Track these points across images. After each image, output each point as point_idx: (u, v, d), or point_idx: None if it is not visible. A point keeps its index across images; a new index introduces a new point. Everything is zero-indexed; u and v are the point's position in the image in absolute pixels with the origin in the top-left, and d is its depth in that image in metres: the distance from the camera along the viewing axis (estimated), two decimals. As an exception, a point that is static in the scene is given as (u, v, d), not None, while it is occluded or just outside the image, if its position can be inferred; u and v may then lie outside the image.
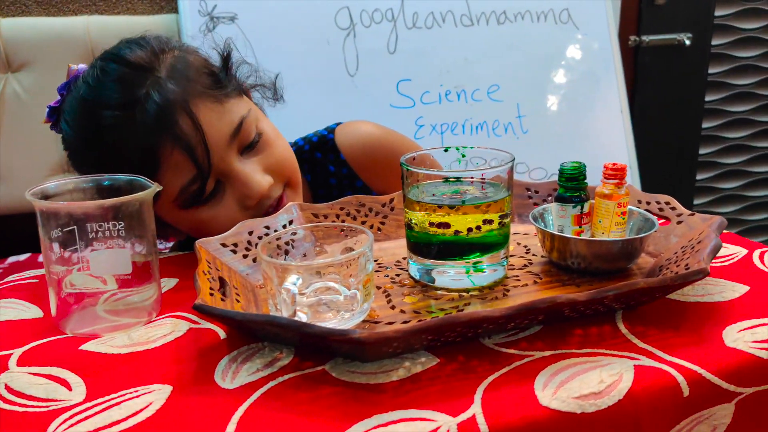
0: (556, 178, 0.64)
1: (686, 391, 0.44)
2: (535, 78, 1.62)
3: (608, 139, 1.69)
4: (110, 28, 1.44)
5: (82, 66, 0.73)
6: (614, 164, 0.61)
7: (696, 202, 2.17)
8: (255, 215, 0.70)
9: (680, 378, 0.44)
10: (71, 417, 0.41)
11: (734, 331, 0.49)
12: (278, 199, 0.74)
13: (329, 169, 0.89)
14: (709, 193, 2.17)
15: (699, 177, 2.15)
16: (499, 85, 1.59)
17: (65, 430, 0.40)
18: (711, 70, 2.02)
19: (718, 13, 1.96)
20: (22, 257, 1.43)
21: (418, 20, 1.54)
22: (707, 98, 2.05)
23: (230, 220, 0.68)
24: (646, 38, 1.92)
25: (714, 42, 1.99)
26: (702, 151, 2.12)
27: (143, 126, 0.64)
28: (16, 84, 1.40)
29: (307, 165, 0.90)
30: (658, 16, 1.92)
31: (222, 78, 0.72)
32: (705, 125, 2.08)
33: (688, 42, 1.94)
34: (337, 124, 0.92)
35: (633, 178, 1.69)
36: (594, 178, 0.63)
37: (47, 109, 0.74)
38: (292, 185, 0.77)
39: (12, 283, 0.64)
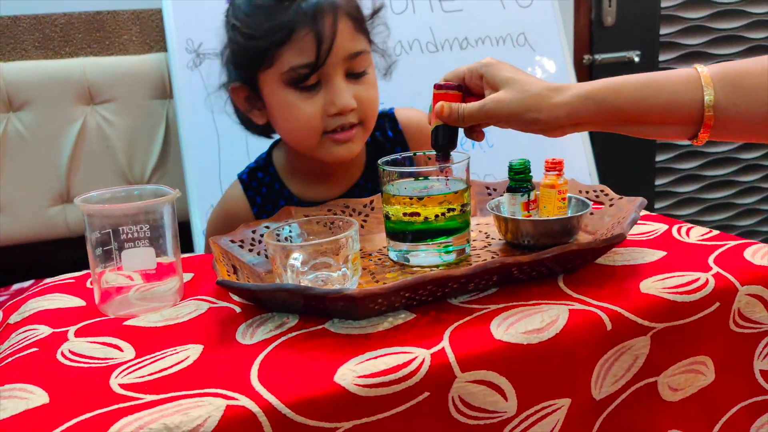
0: None
1: (609, 326, 0.57)
2: (498, 97, 1.77)
3: (568, 150, 1.83)
4: (105, 68, 1.56)
5: None
6: (554, 159, 0.74)
7: (657, 206, 2.32)
8: (328, 128, 0.85)
9: (604, 316, 0.57)
10: (127, 368, 0.52)
11: (649, 282, 0.62)
12: (350, 128, 0.86)
13: (388, 134, 1.01)
14: (668, 197, 2.33)
15: (658, 182, 2.30)
16: (466, 104, 1.73)
17: (124, 377, 0.51)
18: (661, 84, 2.18)
19: (663, 31, 2.13)
20: (26, 284, 1.52)
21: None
22: (659, 109, 2.21)
23: (308, 118, 0.84)
24: (598, 57, 2.08)
25: (661, 58, 2.16)
26: (658, 158, 2.27)
27: (299, 7, 0.81)
28: (17, 122, 1.51)
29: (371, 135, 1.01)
30: (608, 36, 2.09)
31: (365, 19, 0.88)
32: (659, 134, 2.24)
33: (637, 59, 2.10)
34: None
35: (592, 183, 1.83)
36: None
37: None
38: (365, 126, 0.89)
39: (52, 284, 0.75)
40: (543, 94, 0.65)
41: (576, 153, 1.83)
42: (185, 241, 1.47)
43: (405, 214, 0.70)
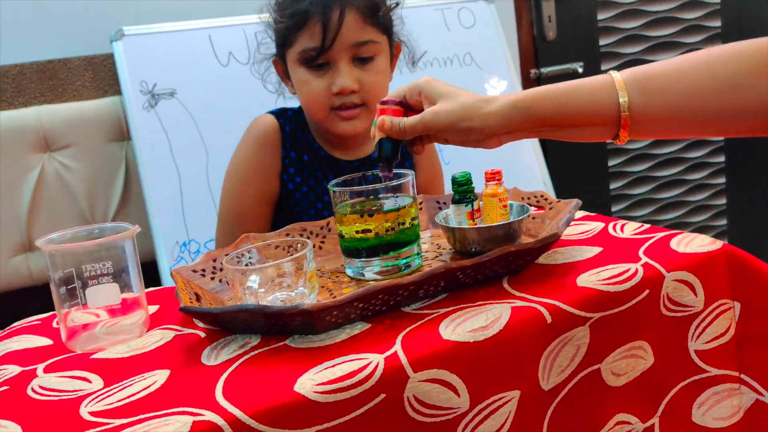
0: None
1: (549, 319, 0.61)
2: (450, 115, 1.83)
3: (522, 162, 1.90)
4: (60, 115, 1.57)
5: None
6: (492, 170, 0.79)
7: (613, 209, 2.40)
8: (331, 106, 0.99)
9: (544, 310, 0.61)
10: (96, 398, 0.55)
11: (585, 276, 0.67)
12: (353, 107, 1.00)
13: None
14: (624, 200, 2.41)
15: (612, 186, 2.38)
16: (419, 125, 1.79)
17: (93, 405, 0.54)
18: (605, 92, 2.28)
19: (602, 42, 2.24)
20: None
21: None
22: (606, 116, 2.30)
23: (316, 93, 0.99)
24: (544, 70, 2.17)
25: (603, 67, 2.26)
26: (611, 163, 2.36)
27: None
28: (-26, 174, 1.51)
29: None
30: (551, 50, 2.18)
31: (379, 13, 0.99)
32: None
33: (581, 69, 2.19)
34: None
35: (546, 191, 1.90)
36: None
37: None
38: (370, 108, 1.01)
39: (18, 327, 0.77)
40: (476, 105, 0.72)
41: (531, 165, 1.89)
42: (153, 280, 1.49)
43: (357, 232, 0.74)
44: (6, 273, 1.54)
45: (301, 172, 1.06)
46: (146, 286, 0.74)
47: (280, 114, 1.10)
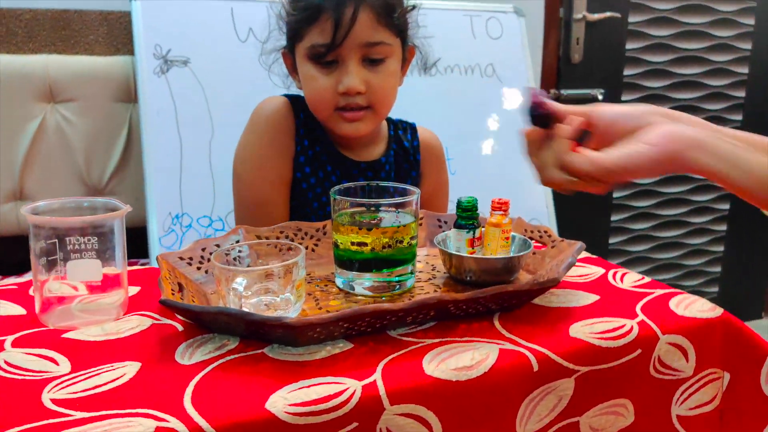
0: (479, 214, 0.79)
1: (536, 367, 0.59)
2: (462, 125, 1.81)
3: (528, 181, 1.87)
4: (68, 67, 1.54)
5: None
6: (500, 199, 0.77)
7: (611, 240, 2.38)
8: (336, 105, 0.95)
9: (532, 357, 0.59)
10: (61, 383, 0.53)
11: (578, 326, 0.65)
12: (358, 109, 0.96)
13: (408, 137, 1.12)
14: (622, 233, 2.40)
15: (613, 218, 2.37)
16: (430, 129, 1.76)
17: (57, 391, 0.51)
18: (620, 123, 2.26)
19: (626, 72, 2.21)
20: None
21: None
22: (618, 147, 2.28)
23: (324, 90, 0.95)
24: (564, 92, 2.14)
25: (624, 98, 2.23)
26: (615, 195, 2.34)
27: None
28: (-26, 115, 1.48)
29: (393, 130, 1.11)
30: (574, 73, 2.16)
31: (393, 14, 0.95)
32: (616, 171, 2.30)
33: (601, 97, 2.17)
34: None
35: (550, 219, 1.88)
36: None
37: None
38: (376, 111, 0.98)
39: (-6, 289, 0.75)
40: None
41: (535, 185, 1.87)
42: (142, 248, 1.47)
43: (353, 243, 0.72)
44: (-7, 219, 1.52)
45: (311, 163, 1.03)
46: (132, 254, 0.71)
47: (295, 99, 1.05)
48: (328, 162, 1.04)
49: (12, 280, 0.77)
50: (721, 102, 2.35)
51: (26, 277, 1.46)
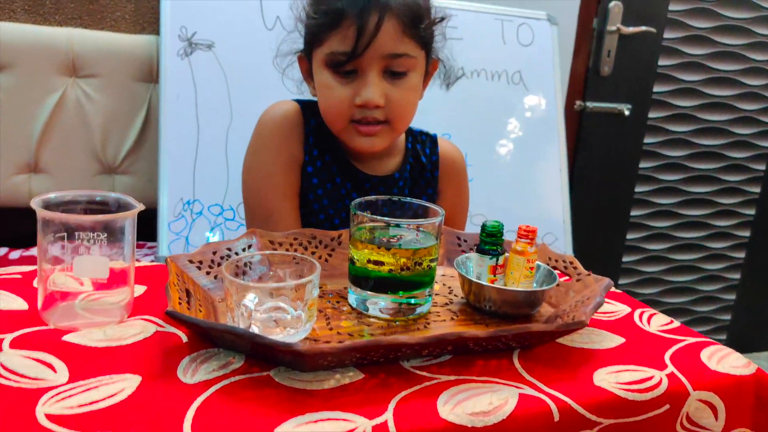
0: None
1: (556, 417, 0.56)
2: (484, 131, 1.77)
3: (546, 192, 1.84)
4: (92, 42, 1.51)
5: None
6: (527, 226, 0.73)
7: (624, 259, 2.34)
8: (352, 117, 0.90)
9: (553, 406, 0.56)
10: (57, 394, 0.50)
11: (603, 373, 0.61)
12: (375, 123, 0.90)
13: (426, 152, 1.05)
14: (637, 252, 2.35)
15: (629, 237, 2.32)
16: (451, 134, 1.72)
17: (52, 405, 0.49)
18: (646, 140, 2.21)
19: (656, 89, 2.16)
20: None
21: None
22: (641, 165, 2.23)
23: (340, 101, 0.89)
24: (590, 104, 2.09)
25: (651, 115, 2.18)
26: (633, 213, 2.29)
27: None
28: (-5, 83, 1.46)
29: (411, 142, 1.05)
30: (602, 86, 2.11)
31: (420, 25, 0.88)
32: (637, 189, 2.26)
33: (627, 112, 2.12)
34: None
35: (565, 232, 1.84)
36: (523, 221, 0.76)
37: None
38: (393, 127, 0.92)
39: (-4, 278, 0.72)
40: None
41: (553, 197, 1.83)
42: (150, 230, 1.44)
43: (369, 261, 0.68)
44: (6, 189, 1.50)
45: (318, 174, 0.98)
46: (140, 236, 0.67)
47: (306, 104, 1.00)
48: (338, 173, 0.98)
49: (19, 260, 0.75)
50: (752, 127, 2.29)
51: (32, 257, 1.44)
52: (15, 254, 1.45)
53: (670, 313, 2.44)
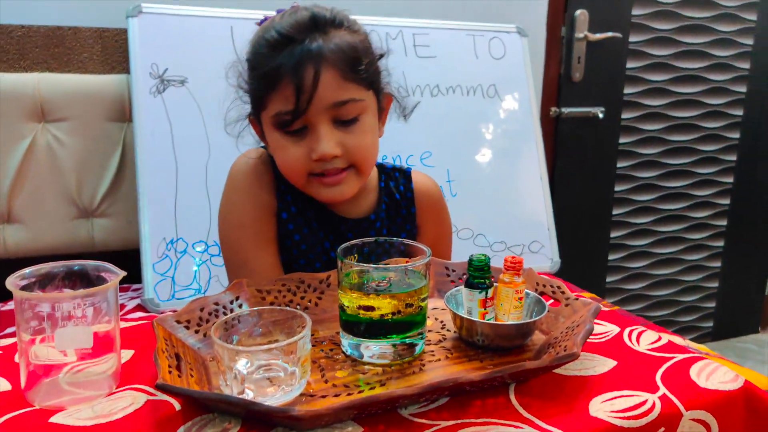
0: (481, 237, 0.76)
1: (557, 456, 0.56)
2: (464, 146, 1.77)
3: (529, 201, 1.85)
4: (60, 85, 1.49)
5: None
6: (513, 257, 0.73)
7: (610, 257, 2.36)
8: (313, 171, 0.88)
9: (553, 444, 0.56)
10: (49, 483, 0.49)
11: (598, 402, 0.62)
12: (339, 172, 0.88)
13: (400, 188, 1.02)
14: (621, 249, 2.37)
15: (612, 235, 2.34)
16: (431, 151, 1.73)
17: (45, 495, 0.48)
18: (621, 140, 2.23)
19: (626, 91, 2.18)
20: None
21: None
22: (618, 165, 2.26)
23: (295, 159, 0.87)
24: (565, 110, 2.11)
25: (624, 116, 2.21)
26: (615, 212, 2.32)
27: (285, 57, 0.83)
28: (-38, 135, 1.43)
29: (384, 181, 1.02)
30: (575, 91, 2.13)
31: (359, 67, 0.86)
32: (617, 189, 2.28)
33: (601, 115, 2.14)
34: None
35: (551, 238, 1.85)
36: (511, 237, 0.75)
37: (263, 17, 0.95)
38: (359, 171, 0.91)
39: (-22, 353, 0.70)
40: None
41: (536, 205, 1.84)
42: (135, 273, 1.42)
43: (360, 307, 0.68)
44: (-20, 241, 1.47)
45: (294, 220, 0.95)
46: (125, 279, 0.66)
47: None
48: (314, 218, 0.96)
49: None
50: (720, 120, 2.33)
51: (10, 311, 1.41)
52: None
53: (658, 305, 2.47)
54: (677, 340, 0.82)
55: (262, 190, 0.95)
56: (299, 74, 0.82)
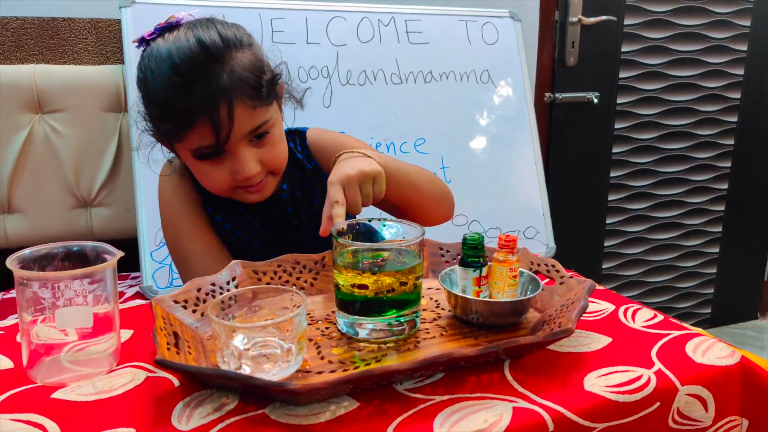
0: (476, 224, 0.77)
1: (551, 427, 0.57)
2: (458, 132, 1.78)
3: (524, 187, 1.86)
4: (56, 77, 1.49)
5: (181, 16, 0.89)
6: (507, 236, 0.74)
7: (606, 244, 2.37)
8: (239, 187, 0.90)
9: (547, 417, 0.57)
10: (51, 457, 0.50)
11: (593, 377, 0.62)
12: (260, 182, 0.90)
13: (297, 157, 1.02)
14: (617, 236, 2.38)
15: (608, 221, 2.35)
16: (425, 138, 1.73)
17: (47, 468, 0.48)
18: (616, 126, 2.24)
19: (621, 75, 2.18)
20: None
21: (351, 77, 1.67)
22: (614, 150, 2.26)
23: (221, 181, 0.89)
24: (559, 95, 2.12)
25: (619, 101, 2.21)
26: (610, 198, 2.32)
27: (194, 98, 0.81)
28: (-42, 127, 1.43)
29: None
30: (569, 76, 2.13)
31: (264, 90, 0.87)
32: (612, 174, 2.29)
33: (596, 100, 2.14)
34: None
35: (546, 224, 1.86)
36: (506, 223, 0.76)
37: (140, 37, 0.90)
38: (276, 174, 0.93)
39: (-21, 336, 0.71)
40: None
41: (531, 191, 1.84)
42: (133, 260, 1.43)
43: (354, 285, 0.69)
44: (-21, 232, 1.47)
45: (221, 210, 0.99)
46: (124, 267, 0.67)
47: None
48: (238, 203, 0.98)
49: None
50: (717, 104, 2.33)
51: (12, 299, 1.42)
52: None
53: (655, 291, 2.48)
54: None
55: (185, 186, 0.99)
56: (214, 114, 0.82)
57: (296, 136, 1.06)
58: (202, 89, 0.81)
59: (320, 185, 1.03)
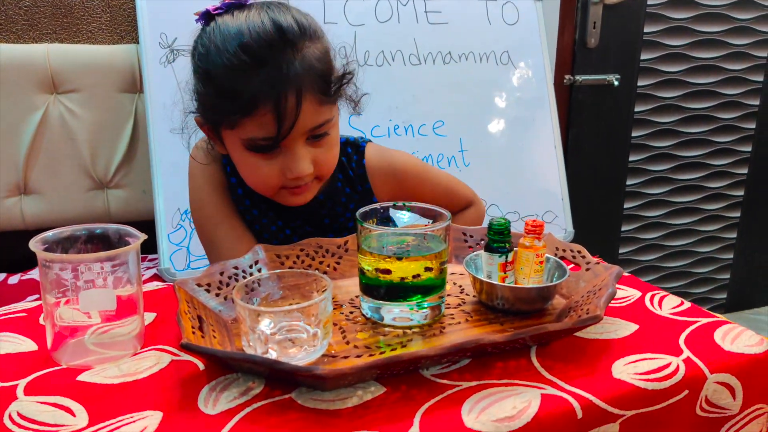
0: (494, 208, 0.75)
1: (579, 414, 0.56)
2: (477, 114, 1.76)
3: (543, 170, 1.83)
4: (70, 56, 1.49)
5: None
6: (534, 221, 0.73)
7: (623, 228, 2.35)
8: (285, 186, 0.85)
9: (575, 404, 0.56)
10: (79, 440, 0.50)
11: (621, 365, 0.61)
12: (306, 184, 0.87)
13: (352, 165, 0.99)
14: (634, 221, 2.36)
15: (626, 206, 2.32)
16: (444, 120, 1.71)
17: (75, 451, 0.48)
18: (637, 109, 2.20)
19: (643, 56, 2.14)
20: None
21: (369, 58, 1.65)
22: (633, 134, 2.23)
23: (266, 177, 0.84)
24: (579, 77, 2.08)
25: (640, 83, 2.17)
26: (629, 182, 2.29)
27: (262, 83, 0.76)
28: (-26, 107, 1.43)
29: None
30: (590, 58, 2.09)
31: (334, 86, 0.83)
32: (631, 158, 2.26)
33: (616, 82, 2.11)
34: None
35: (564, 208, 1.84)
36: (524, 207, 0.74)
37: (204, 11, 0.86)
38: (321, 180, 0.90)
39: (2, 317, 0.71)
40: None
41: (550, 174, 1.82)
42: (150, 242, 1.43)
43: (379, 270, 0.68)
44: (-3, 213, 1.48)
45: (251, 195, 0.95)
46: (141, 249, 0.66)
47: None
48: (262, 201, 0.95)
49: (18, 284, 0.73)
50: (739, 86, 2.29)
51: (32, 280, 1.42)
52: (14, 279, 1.44)
53: (671, 276, 2.46)
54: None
55: (213, 169, 0.96)
56: (280, 103, 0.77)
57: (354, 150, 1.00)
58: (271, 73, 0.76)
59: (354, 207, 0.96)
